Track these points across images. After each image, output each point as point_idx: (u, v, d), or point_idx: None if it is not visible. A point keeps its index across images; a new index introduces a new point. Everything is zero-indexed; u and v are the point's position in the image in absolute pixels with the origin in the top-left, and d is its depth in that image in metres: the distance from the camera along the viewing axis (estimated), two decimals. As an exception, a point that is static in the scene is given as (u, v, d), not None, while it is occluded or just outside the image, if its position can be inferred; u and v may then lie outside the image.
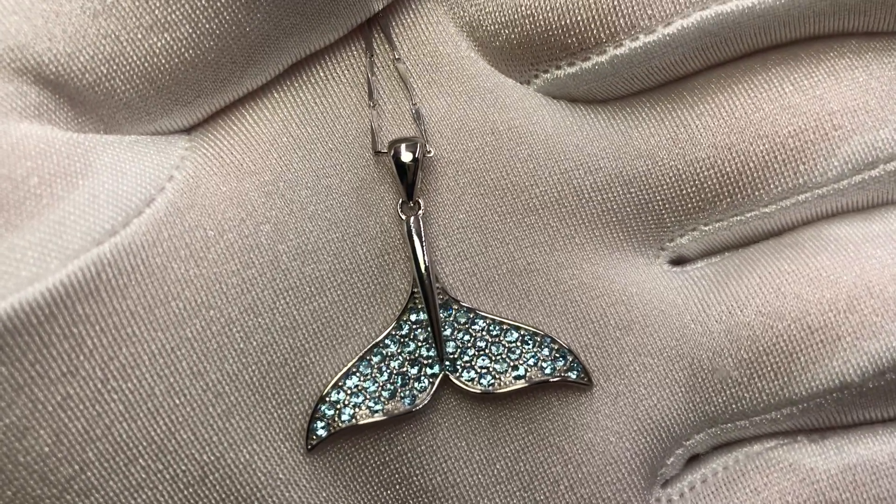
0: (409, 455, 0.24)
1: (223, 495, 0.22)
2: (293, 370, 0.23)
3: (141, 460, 0.22)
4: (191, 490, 0.22)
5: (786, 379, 0.24)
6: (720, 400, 0.25)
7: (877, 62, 0.25)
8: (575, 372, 0.24)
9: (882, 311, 0.24)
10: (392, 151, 0.23)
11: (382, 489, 0.24)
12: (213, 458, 0.22)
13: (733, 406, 0.25)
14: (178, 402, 0.22)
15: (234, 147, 0.24)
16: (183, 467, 0.22)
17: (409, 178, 0.23)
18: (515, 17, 0.24)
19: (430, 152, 0.24)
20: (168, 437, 0.22)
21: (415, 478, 0.24)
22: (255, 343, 0.23)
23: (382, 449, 0.24)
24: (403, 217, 0.24)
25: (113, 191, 0.22)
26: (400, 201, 0.24)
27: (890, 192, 0.25)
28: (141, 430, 0.21)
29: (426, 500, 0.24)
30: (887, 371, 0.24)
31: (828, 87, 0.24)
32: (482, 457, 0.24)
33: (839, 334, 0.24)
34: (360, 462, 0.24)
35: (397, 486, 0.24)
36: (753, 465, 0.25)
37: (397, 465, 0.24)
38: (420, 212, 0.23)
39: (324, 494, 0.23)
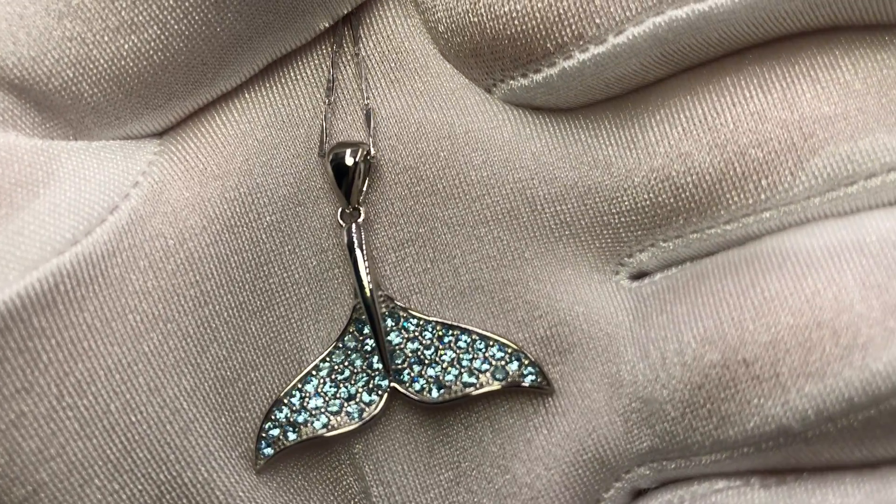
0: (357, 473, 0.23)
1: None
2: (245, 386, 0.23)
3: (96, 480, 0.21)
4: None
5: (719, 419, 0.21)
6: (656, 434, 0.22)
7: (867, 60, 0.22)
8: (531, 376, 0.23)
9: (831, 345, 0.20)
10: (330, 156, 0.23)
11: None
12: (169, 477, 0.22)
13: (668, 443, 0.22)
14: (134, 419, 0.21)
15: (200, 150, 0.23)
16: (139, 487, 0.21)
17: (347, 184, 0.23)
18: (464, 23, 0.23)
19: (372, 157, 0.23)
20: (124, 456, 0.21)
21: (363, 496, 0.23)
22: (210, 358, 0.22)
23: (334, 465, 0.23)
24: (343, 225, 0.23)
25: (75, 199, 0.21)
26: (340, 210, 0.23)
27: (869, 206, 0.22)
28: (97, 449, 0.21)
29: None
30: (837, 417, 0.20)
31: (802, 89, 0.22)
32: (417, 483, 0.23)
33: (777, 371, 0.21)
34: (316, 479, 0.23)
35: None
36: None
37: (349, 482, 0.23)
38: (360, 219, 0.23)
39: None
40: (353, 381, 0.23)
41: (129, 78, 0.22)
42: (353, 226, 0.22)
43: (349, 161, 0.22)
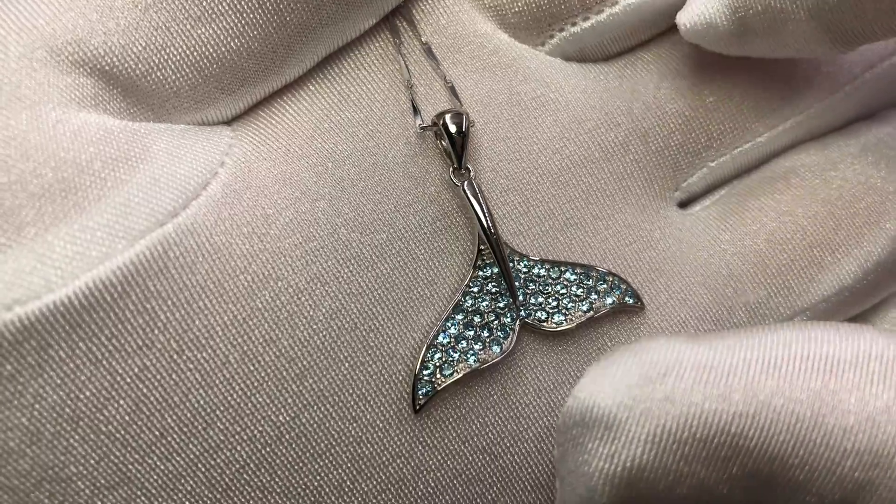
0: (481, 406, 0.25)
1: (299, 453, 0.23)
2: (364, 333, 0.24)
3: (219, 423, 0.22)
4: (268, 449, 0.23)
5: (799, 291, 0.28)
6: (743, 323, 0.27)
7: None
8: (630, 297, 0.26)
9: (859, 223, 0.28)
10: (441, 121, 0.25)
11: (458, 443, 0.25)
12: (288, 418, 0.23)
13: (754, 319, 0.27)
14: (252, 368, 0.23)
15: (278, 135, 0.25)
16: (260, 428, 0.23)
17: (458, 146, 0.25)
18: None
19: (472, 123, 0.25)
20: (244, 401, 0.23)
21: (489, 427, 0.25)
22: (324, 310, 0.24)
23: (458, 403, 0.25)
24: (457, 182, 0.25)
25: (171, 174, 0.22)
26: (451, 168, 0.25)
27: (846, 112, 0.30)
28: (218, 396, 0.22)
29: (501, 447, 0.25)
30: (870, 273, 0.28)
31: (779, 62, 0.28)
32: (549, 400, 0.25)
33: (834, 247, 0.28)
34: (437, 418, 0.25)
35: (474, 438, 0.25)
36: None
37: (473, 417, 0.25)
38: (472, 175, 0.25)
39: (395, 450, 0.24)
40: (486, 320, 0.25)
41: (207, 63, 0.23)
42: (466, 182, 0.25)
43: (456, 127, 0.25)
